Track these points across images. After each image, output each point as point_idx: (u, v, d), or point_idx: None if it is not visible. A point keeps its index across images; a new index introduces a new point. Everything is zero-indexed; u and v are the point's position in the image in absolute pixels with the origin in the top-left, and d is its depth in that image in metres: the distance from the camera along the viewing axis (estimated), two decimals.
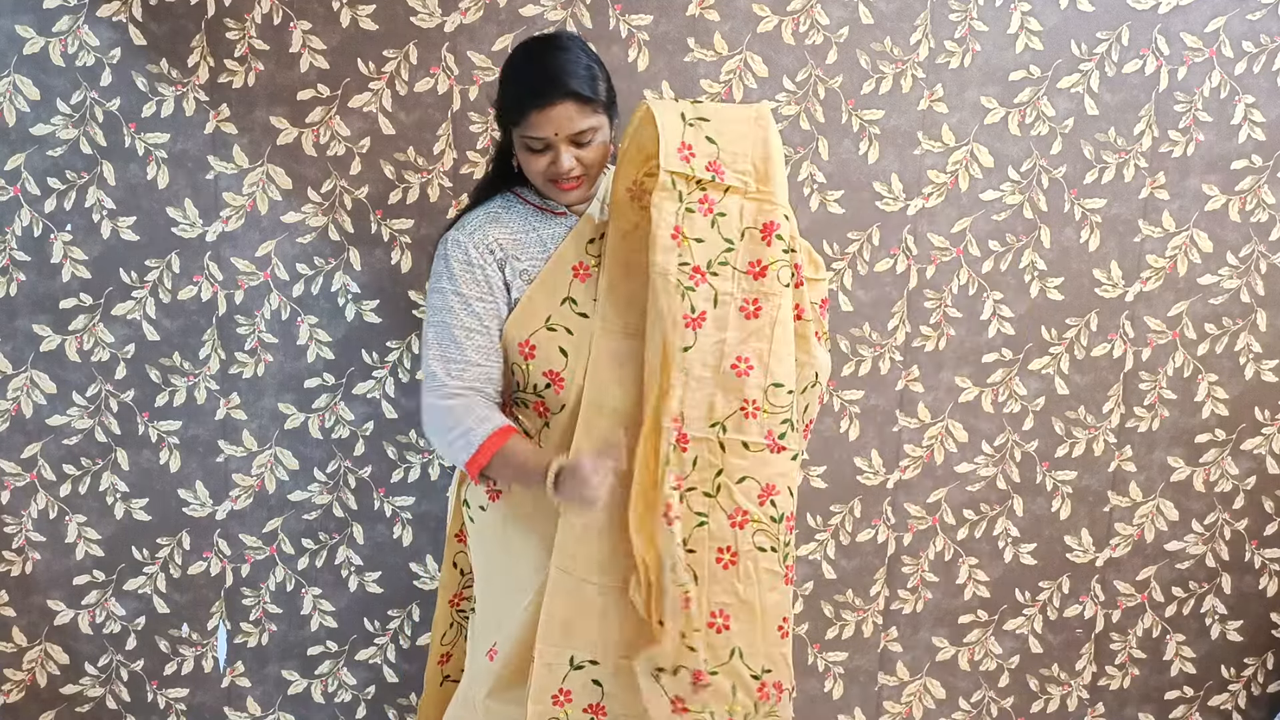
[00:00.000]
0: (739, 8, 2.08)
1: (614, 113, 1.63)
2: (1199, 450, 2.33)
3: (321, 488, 2.17)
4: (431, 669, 1.97)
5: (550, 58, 1.56)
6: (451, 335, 1.61)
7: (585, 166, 1.58)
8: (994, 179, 2.19)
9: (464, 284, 1.62)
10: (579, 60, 1.56)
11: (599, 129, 1.58)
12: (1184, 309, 2.27)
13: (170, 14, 1.98)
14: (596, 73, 1.57)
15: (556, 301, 1.63)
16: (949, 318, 2.23)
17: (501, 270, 1.64)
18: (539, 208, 1.68)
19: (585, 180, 1.60)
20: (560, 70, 1.53)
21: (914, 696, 2.38)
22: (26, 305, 2.05)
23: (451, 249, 1.63)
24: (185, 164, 2.04)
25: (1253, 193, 2.23)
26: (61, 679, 2.19)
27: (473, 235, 1.63)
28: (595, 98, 1.55)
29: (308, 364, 2.13)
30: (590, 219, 1.68)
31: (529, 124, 1.54)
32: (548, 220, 1.68)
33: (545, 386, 1.64)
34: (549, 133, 1.54)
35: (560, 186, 1.59)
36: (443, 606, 1.93)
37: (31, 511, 2.12)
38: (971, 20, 2.12)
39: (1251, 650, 2.43)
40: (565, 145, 1.55)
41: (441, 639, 1.94)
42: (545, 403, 1.66)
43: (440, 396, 1.61)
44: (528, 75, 1.56)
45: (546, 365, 1.63)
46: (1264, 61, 2.18)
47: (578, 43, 1.60)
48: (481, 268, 1.62)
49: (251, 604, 2.20)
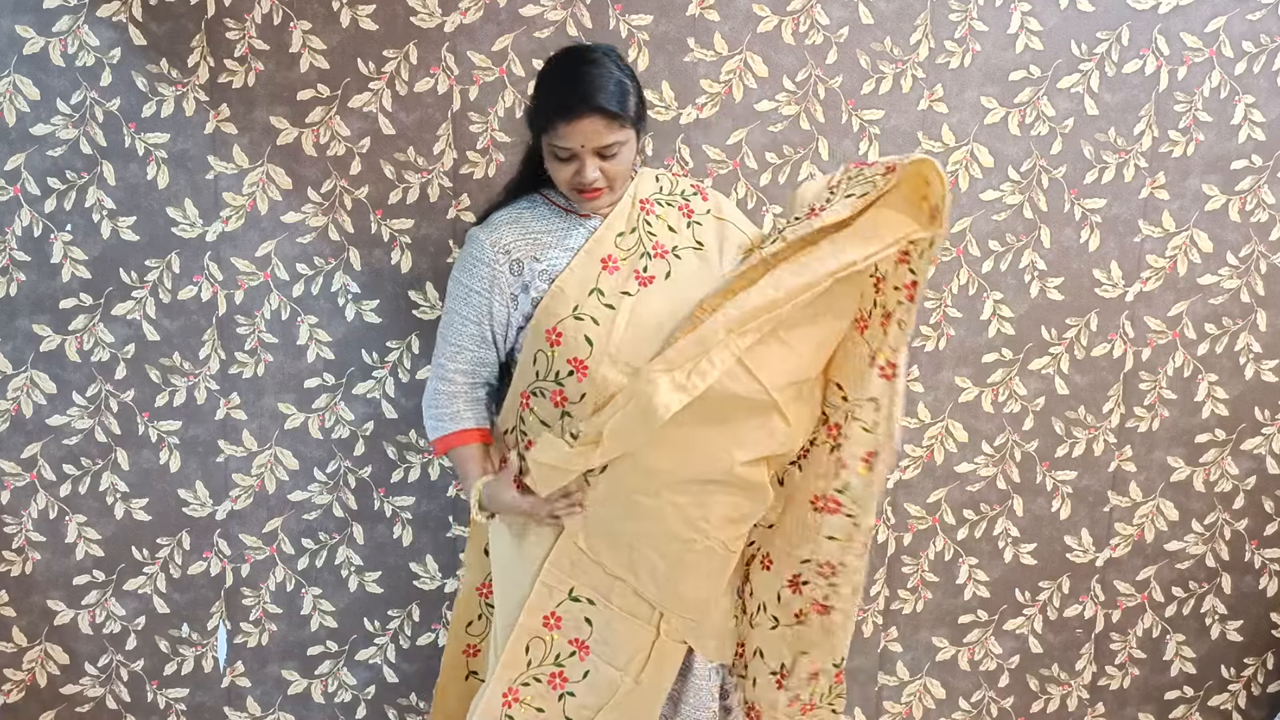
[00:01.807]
0: (739, 8, 2.08)
1: (643, 127, 1.68)
2: (1199, 450, 2.33)
3: (321, 488, 2.17)
4: (454, 658, 1.96)
5: (582, 71, 1.60)
6: (452, 322, 1.73)
7: (609, 178, 1.64)
8: (994, 179, 2.19)
9: (470, 277, 1.70)
10: (610, 76, 1.59)
11: (625, 143, 1.63)
12: (1184, 309, 2.27)
13: (170, 14, 1.98)
14: (628, 88, 1.61)
15: (585, 292, 1.68)
16: (949, 318, 2.23)
17: (516, 273, 1.70)
18: (564, 209, 1.74)
19: (609, 189, 1.66)
20: (590, 85, 1.58)
21: (914, 696, 2.38)
22: (26, 305, 2.05)
23: (470, 242, 1.72)
24: (185, 164, 2.04)
25: (1253, 193, 2.23)
26: (61, 679, 2.19)
27: (491, 234, 1.71)
28: (623, 114, 1.59)
29: (308, 364, 2.13)
30: (621, 214, 1.73)
31: (557, 134, 1.59)
32: (571, 221, 1.73)
33: (568, 374, 1.67)
34: (575, 144, 1.59)
35: (584, 195, 1.65)
36: (469, 595, 1.93)
37: (31, 511, 2.12)
38: (971, 20, 2.12)
39: (1251, 650, 2.43)
40: (591, 157, 1.61)
41: (468, 628, 1.94)
42: (565, 391, 1.68)
43: (436, 378, 1.76)
44: (559, 86, 1.61)
45: (571, 353, 1.67)
46: (1264, 61, 2.18)
47: (613, 58, 1.63)
48: (489, 265, 1.69)
49: (251, 604, 2.20)
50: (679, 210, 1.77)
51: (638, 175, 1.77)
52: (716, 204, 1.81)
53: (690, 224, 1.76)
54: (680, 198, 1.79)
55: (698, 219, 1.77)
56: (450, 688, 1.98)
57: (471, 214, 2.09)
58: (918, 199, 1.57)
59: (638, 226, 1.73)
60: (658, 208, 1.76)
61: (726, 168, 2.13)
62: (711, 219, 1.78)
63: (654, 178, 1.81)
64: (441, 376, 1.76)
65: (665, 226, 1.74)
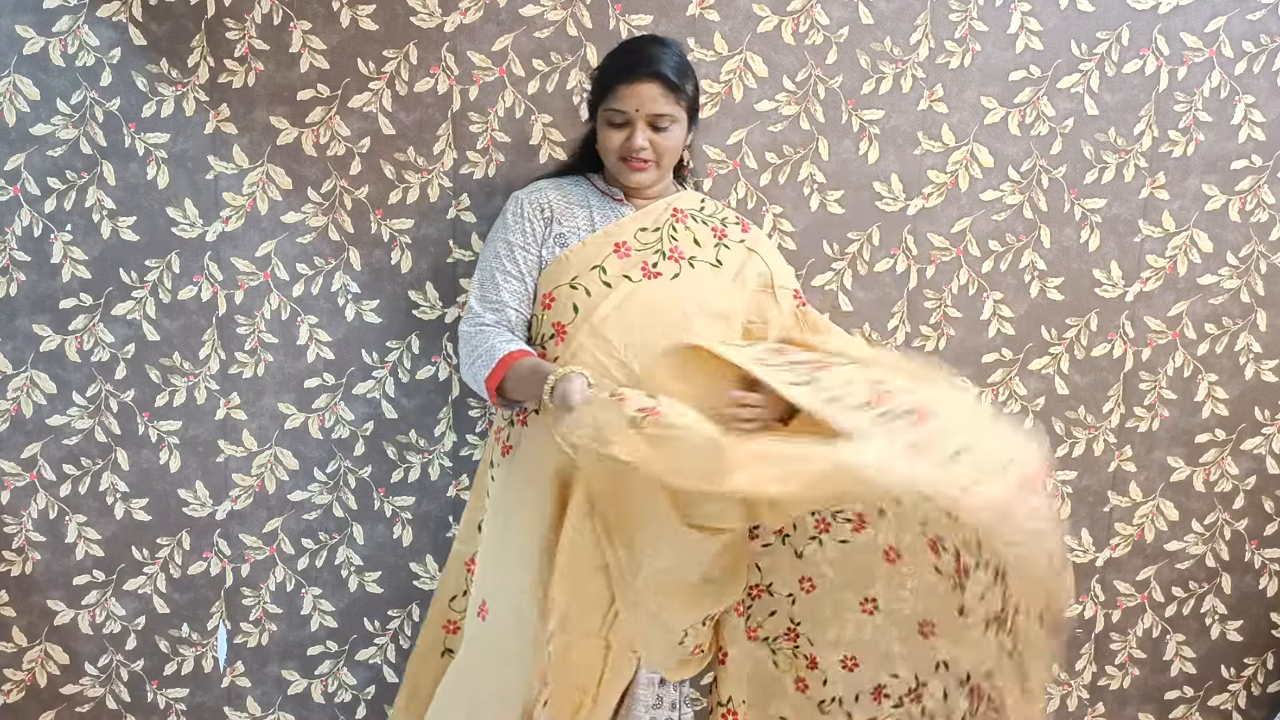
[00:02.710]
0: (739, 8, 2.08)
1: (695, 119, 1.76)
2: (1199, 450, 2.33)
3: (321, 488, 2.17)
4: (433, 632, 1.93)
5: (649, 44, 1.72)
6: (492, 277, 1.75)
7: (657, 153, 1.71)
8: (994, 179, 2.19)
9: (513, 233, 1.76)
10: (674, 54, 1.70)
11: (678, 121, 1.70)
12: (1184, 309, 2.27)
13: (170, 14, 1.98)
14: (687, 72, 1.71)
15: (587, 267, 1.72)
16: (949, 318, 2.23)
17: (546, 229, 1.76)
18: (603, 192, 1.81)
19: (653, 166, 1.72)
20: (654, 55, 1.68)
21: None
22: (26, 305, 2.05)
23: (511, 202, 1.79)
24: (185, 164, 2.04)
25: (1253, 193, 2.23)
26: (61, 679, 2.19)
27: (531, 194, 1.79)
28: (680, 87, 1.68)
29: (308, 364, 2.13)
30: (651, 213, 1.77)
31: (615, 96, 1.68)
32: (605, 203, 1.80)
33: (550, 337, 1.72)
34: (631, 107, 1.67)
35: (630, 166, 1.71)
36: (457, 569, 1.91)
37: (31, 511, 2.12)
38: (971, 20, 2.12)
39: (1251, 650, 2.43)
40: (642, 124, 1.68)
41: (451, 602, 1.92)
42: (546, 354, 1.72)
43: (472, 325, 1.75)
44: (625, 54, 1.72)
45: (557, 317, 1.71)
46: (1264, 61, 2.18)
47: (679, 46, 1.74)
48: (530, 220, 1.76)
49: (251, 604, 2.20)
50: (711, 230, 1.80)
51: (684, 190, 1.84)
52: (754, 238, 1.83)
53: (718, 244, 1.78)
54: (719, 221, 1.82)
55: (727, 243, 1.79)
56: (423, 662, 1.94)
57: (471, 214, 2.10)
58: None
59: (663, 229, 1.76)
60: (691, 221, 1.79)
61: (726, 168, 2.13)
62: (742, 248, 1.80)
63: (700, 198, 1.85)
64: (478, 326, 1.72)
65: (691, 239, 1.77)
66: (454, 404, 2.17)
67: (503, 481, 1.80)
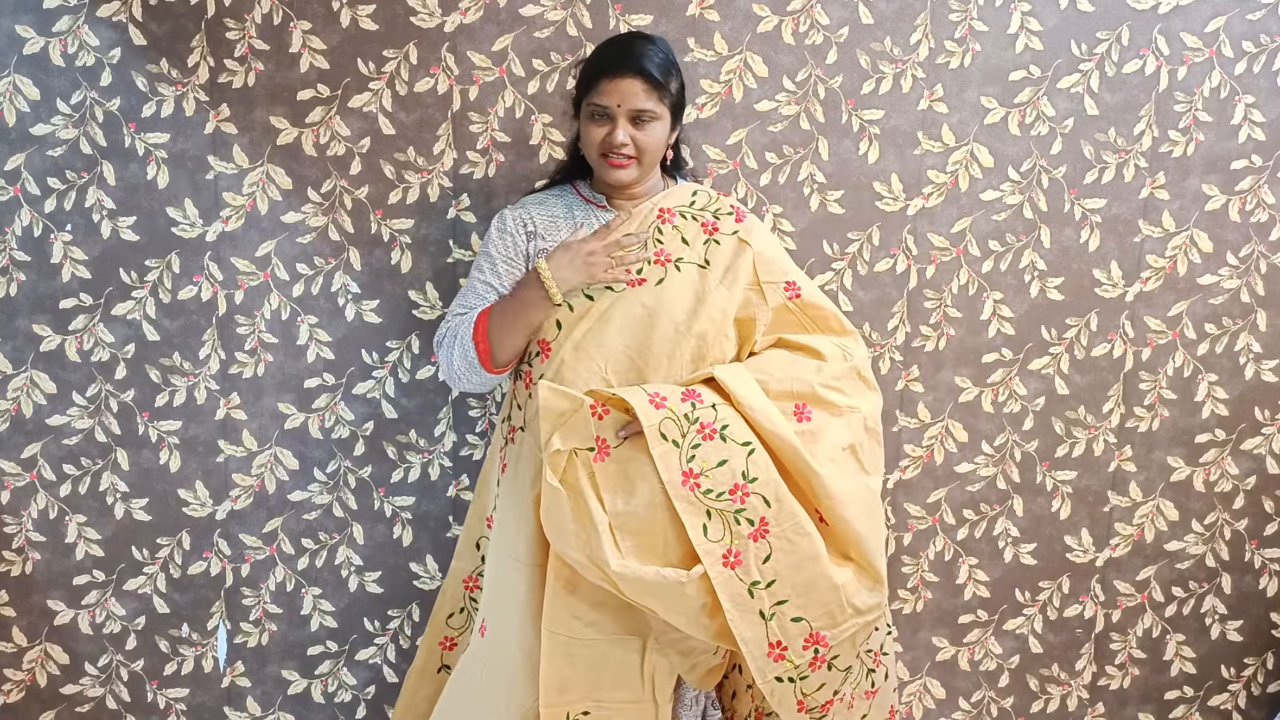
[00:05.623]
0: (739, 8, 2.08)
1: (679, 118, 1.76)
2: (1199, 450, 2.33)
3: (321, 488, 2.17)
4: (430, 649, 1.97)
5: (634, 41, 1.72)
6: (473, 287, 1.78)
7: (638, 149, 1.70)
8: (994, 179, 2.19)
9: (495, 247, 1.78)
10: (659, 52, 1.70)
11: (659, 118, 1.70)
12: (1184, 309, 2.27)
13: (170, 14, 1.98)
14: (672, 71, 1.71)
15: None
16: (949, 318, 2.23)
17: (529, 244, 1.78)
18: (587, 200, 1.81)
19: (634, 163, 1.72)
20: (639, 52, 1.68)
21: (914, 696, 2.38)
22: (26, 305, 2.05)
23: (498, 219, 1.81)
24: (185, 164, 2.04)
25: (1253, 193, 2.23)
26: (61, 679, 2.19)
27: (516, 211, 1.80)
28: (663, 84, 1.68)
29: (308, 364, 2.13)
30: (637, 217, 1.77)
31: (598, 91, 1.68)
32: (589, 211, 1.80)
33: (535, 355, 1.75)
34: (613, 102, 1.67)
35: (610, 162, 1.71)
36: (455, 587, 1.94)
37: (31, 511, 2.12)
38: (971, 20, 2.12)
39: (1251, 650, 2.43)
40: (624, 119, 1.68)
41: (449, 619, 1.94)
42: (533, 372, 1.74)
43: (442, 326, 1.79)
44: (610, 49, 1.72)
45: (541, 334, 1.74)
46: (1264, 61, 2.18)
47: (665, 45, 1.74)
48: (513, 236, 1.78)
49: (251, 604, 2.20)
50: (701, 226, 1.79)
51: (674, 187, 1.83)
52: (748, 228, 1.81)
53: (708, 240, 1.77)
54: (710, 214, 1.80)
55: (718, 238, 1.78)
56: (420, 678, 1.98)
57: (471, 214, 2.10)
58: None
59: (649, 232, 1.76)
60: (679, 219, 1.78)
61: (726, 168, 2.13)
62: (734, 240, 1.79)
63: (692, 190, 1.84)
64: (449, 322, 1.79)
65: (679, 238, 1.76)
66: (454, 404, 2.17)
67: (502, 500, 1.82)
